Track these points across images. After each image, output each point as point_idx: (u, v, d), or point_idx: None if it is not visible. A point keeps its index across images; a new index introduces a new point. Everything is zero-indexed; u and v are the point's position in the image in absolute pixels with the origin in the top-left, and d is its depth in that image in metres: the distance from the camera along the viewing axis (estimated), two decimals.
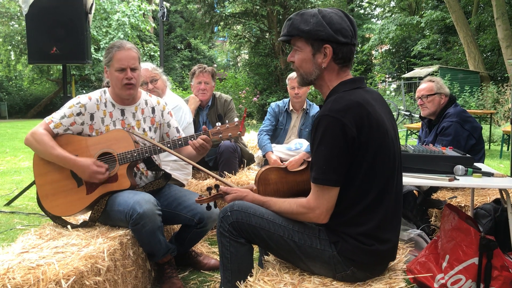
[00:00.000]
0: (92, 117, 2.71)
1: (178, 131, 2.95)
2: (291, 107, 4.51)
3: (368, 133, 1.73)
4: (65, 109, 2.69)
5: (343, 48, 1.82)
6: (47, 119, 2.68)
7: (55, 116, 2.68)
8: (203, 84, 4.18)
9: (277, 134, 4.57)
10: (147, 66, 3.59)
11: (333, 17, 1.80)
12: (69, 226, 2.59)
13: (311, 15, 1.81)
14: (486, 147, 9.13)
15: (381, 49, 26.52)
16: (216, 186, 2.14)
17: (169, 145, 2.60)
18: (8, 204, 4.67)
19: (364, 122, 1.73)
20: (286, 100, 4.58)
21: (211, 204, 2.21)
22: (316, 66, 1.86)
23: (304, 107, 4.50)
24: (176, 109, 3.59)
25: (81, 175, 2.58)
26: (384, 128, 1.79)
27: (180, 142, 2.60)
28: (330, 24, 1.78)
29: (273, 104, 4.60)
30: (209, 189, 2.15)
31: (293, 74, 4.41)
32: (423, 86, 3.69)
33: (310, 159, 2.20)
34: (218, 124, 2.55)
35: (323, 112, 1.75)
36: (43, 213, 4.12)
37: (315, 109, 4.52)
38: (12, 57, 23.23)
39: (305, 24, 1.80)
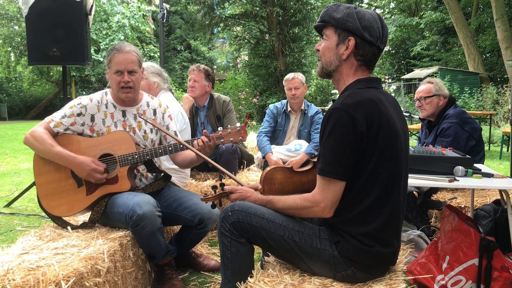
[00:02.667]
0: (92, 118, 2.71)
1: (176, 135, 2.94)
2: (289, 108, 4.52)
3: (378, 131, 1.74)
4: (65, 109, 2.70)
5: (366, 46, 1.83)
6: (48, 118, 2.69)
7: (56, 116, 2.68)
8: (192, 81, 4.20)
9: (276, 135, 4.58)
10: None
11: (366, 14, 1.83)
12: (69, 227, 2.59)
13: (345, 7, 1.86)
14: (486, 148, 9.13)
15: None
16: (221, 185, 2.14)
17: (170, 149, 2.60)
18: (8, 205, 4.67)
19: (374, 119, 1.73)
20: (284, 101, 4.59)
21: (216, 202, 2.20)
22: (337, 57, 1.88)
23: (302, 108, 4.50)
24: None
25: (80, 173, 2.58)
26: (394, 129, 1.79)
27: (181, 146, 2.60)
28: (360, 19, 1.81)
29: (271, 106, 4.61)
30: (214, 187, 2.15)
31: (290, 75, 4.43)
32: (422, 88, 3.69)
33: (314, 159, 2.21)
34: (220, 128, 2.54)
35: (335, 106, 1.76)
36: (43, 214, 4.14)
37: (313, 109, 4.52)
38: (12, 59, 23.25)
39: (336, 13, 1.85)
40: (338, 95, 1.95)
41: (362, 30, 1.80)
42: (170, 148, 2.60)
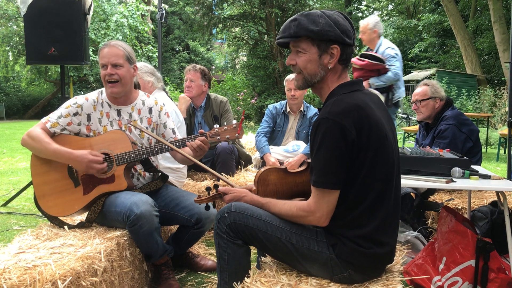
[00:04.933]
0: (89, 117, 2.71)
1: (174, 132, 2.94)
2: (288, 109, 4.52)
3: (368, 136, 1.73)
4: (62, 109, 2.69)
5: (347, 49, 1.84)
6: (44, 119, 2.68)
7: (52, 116, 2.68)
8: (189, 81, 4.21)
9: (274, 136, 4.58)
10: None
11: (337, 18, 1.81)
12: (66, 227, 2.59)
13: (318, 16, 1.80)
14: (483, 150, 9.15)
15: None
16: (215, 186, 2.13)
17: (166, 147, 2.60)
18: (5, 204, 4.66)
19: (363, 125, 1.73)
20: (283, 102, 4.59)
21: (210, 204, 2.20)
22: (322, 67, 1.85)
23: (301, 109, 4.50)
24: None
25: (78, 167, 2.57)
26: (383, 131, 1.79)
27: (177, 144, 2.59)
28: (337, 24, 1.79)
29: (270, 106, 4.61)
30: (208, 189, 2.14)
31: (290, 76, 4.42)
32: (418, 90, 3.69)
33: (309, 160, 2.20)
34: (216, 126, 2.54)
35: (323, 115, 1.75)
36: (40, 214, 4.13)
37: (312, 111, 4.53)
38: (10, 58, 23.23)
39: (314, 25, 1.79)
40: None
41: (342, 35, 1.79)
42: (166, 147, 2.60)
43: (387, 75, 4.90)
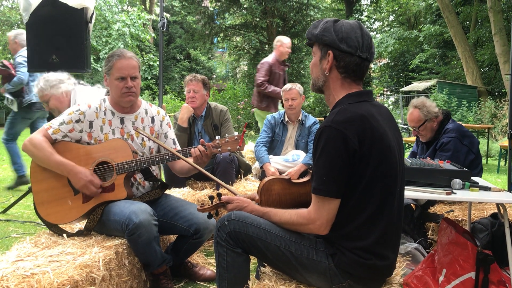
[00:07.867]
0: (91, 125, 2.71)
1: (174, 143, 2.95)
2: (286, 119, 4.53)
3: (370, 146, 1.73)
4: (64, 116, 2.70)
5: (346, 57, 1.82)
6: (46, 125, 2.69)
7: (54, 123, 2.68)
8: (192, 92, 4.20)
9: (274, 146, 4.59)
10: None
11: (344, 26, 1.82)
12: (64, 235, 2.59)
13: (324, 22, 1.86)
14: (484, 161, 9.13)
15: (379, 62, 26.68)
16: (218, 195, 2.13)
17: (167, 157, 2.60)
18: (4, 212, 4.65)
19: (366, 135, 1.73)
20: (281, 111, 4.61)
21: (213, 212, 2.19)
22: (321, 72, 1.89)
23: (300, 118, 4.52)
24: None
25: (76, 183, 2.57)
26: (387, 143, 1.79)
27: (183, 154, 2.60)
28: (337, 31, 1.81)
29: (269, 116, 4.63)
30: (211, 197, 2.14)
31: (287, 86, 4.45)
32: (411, 117, 3.63)
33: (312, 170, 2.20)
34: (218, 137, 2.54)
35: (326, 123, 1.75)
36: (38, 222, 4.12)
37: (310, 120, 4.54)
38: None
39: (315, 29, 1.86)
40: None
41: (339, 42, 1.80)
42: (167, 157, 2.60)
43: (13, 80, 5.52)
